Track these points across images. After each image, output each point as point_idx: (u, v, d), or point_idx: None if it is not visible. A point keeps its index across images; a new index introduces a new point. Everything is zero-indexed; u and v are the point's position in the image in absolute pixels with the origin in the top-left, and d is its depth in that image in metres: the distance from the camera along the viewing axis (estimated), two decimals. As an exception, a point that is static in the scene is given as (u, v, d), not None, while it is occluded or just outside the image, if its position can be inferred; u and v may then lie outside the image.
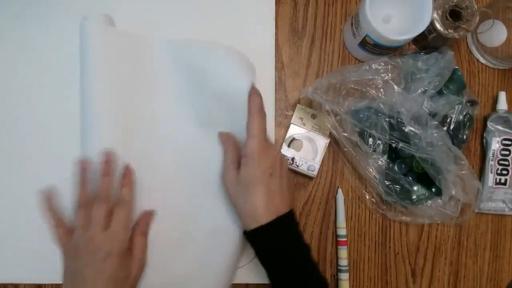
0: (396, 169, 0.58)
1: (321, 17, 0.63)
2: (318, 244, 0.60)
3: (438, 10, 0.57)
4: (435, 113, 0.56)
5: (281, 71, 0.61)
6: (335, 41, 0.63)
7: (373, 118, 0.56)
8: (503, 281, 0.63)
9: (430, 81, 0.56)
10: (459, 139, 0.58)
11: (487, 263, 0.62)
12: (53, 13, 0.58)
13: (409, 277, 0.61)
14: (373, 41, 0.55)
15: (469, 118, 0.59)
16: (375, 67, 0.55)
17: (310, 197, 0.60)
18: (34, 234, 0.54)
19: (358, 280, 0.60)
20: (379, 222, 0.61)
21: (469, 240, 0.62)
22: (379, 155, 0.57)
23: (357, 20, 0.56)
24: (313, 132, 0.59)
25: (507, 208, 0.62)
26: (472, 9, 0.57)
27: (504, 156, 0.61)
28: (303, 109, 0.59)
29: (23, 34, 0.58)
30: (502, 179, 0.61)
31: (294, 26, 0.62)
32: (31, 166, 0.56)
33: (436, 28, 0.57)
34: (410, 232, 0.61)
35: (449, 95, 0.58)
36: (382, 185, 0.57)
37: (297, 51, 0.62)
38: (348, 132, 0.56)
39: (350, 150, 0.57)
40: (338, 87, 0.56)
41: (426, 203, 0.58)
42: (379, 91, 0.55)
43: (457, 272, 0.62)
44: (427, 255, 0.61)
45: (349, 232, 0.60)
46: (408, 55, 0.60)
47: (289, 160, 0.58)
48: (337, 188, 0.60)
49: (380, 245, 0.61)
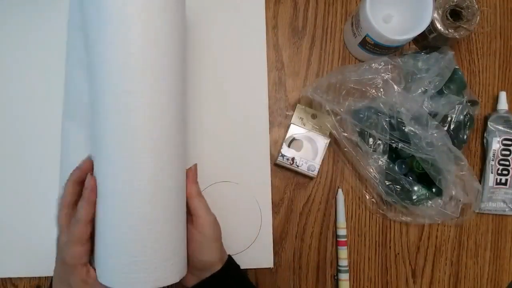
0: (397, 169, 0.58)
1: (321, 17, 0.63)
2: (318, 244, 0.60)
3: (438, 10, 0.57)
4: (435, 113, 0.56)
5: (281, 71, 0.61)
6: (335, 41, 0.62)
7: (373, 118, 0.56)
8: (504, 281, 0.62)
9: (431, 81, 0.56)
10: (460, 139, 0.58)
11: (488, 264, 0.62)
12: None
13: (410, 277, 0.61)
14: (374, 41, 0.55)
15: (470, 118, 0.58)
16: (375, 66, 0.55)
17: (310, 197, 0.60)
18: (31, 228, 0.54)
19: (358, 280, 0.60)
20: (379, 222, 0.61)
21: (469, 241, 0.62)
22: (379, 155, 0.57)
23: (357, 20, 0.56)
24: (313, 132, 0.58)
25: (508, 208, 0.62)
26: (472, 9, 0.57)
27: (504, 156, 0.61)
28: (303, 109, 0.59)
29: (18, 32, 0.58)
30: (503, 179, 0.61)
31: (294, 26, 0.62)
32: (29, 161, 0.56)
33: (437, 28, 0.57)
34: (411, 232, 0.61)
35: (450, 95, 0.57)
36: (382, 185, 0.57)
37: (297, 51, 0.62)
38: (348, 132, 0.56)
39: (350, 150, 0.57)
40: (338, 87, 0.56)
41: (427, 203, 0.58)
42: (379, 91, 0.55)
43: (458, 272, 0.62)
44: (427, 256, 0.61)
45: (349, 232, 0.60)
46: (409, 54, 0.59)
47: (289, 160, 0.58)
48: (337, 188, 0.60)
49: (380, 245, 0.61)
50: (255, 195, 0.58)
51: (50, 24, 0.58)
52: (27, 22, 0.58)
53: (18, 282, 0.55)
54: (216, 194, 0.57)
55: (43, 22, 0.58)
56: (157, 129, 0.42)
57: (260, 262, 0.58)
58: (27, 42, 0.57)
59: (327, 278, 0.59)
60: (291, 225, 0.59)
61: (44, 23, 0.58)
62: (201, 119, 0.58)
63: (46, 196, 0.55)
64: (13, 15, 0.58)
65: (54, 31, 0.58)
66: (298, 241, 0.59)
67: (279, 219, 0.59)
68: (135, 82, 0.41)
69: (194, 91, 0.58)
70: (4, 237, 0.55)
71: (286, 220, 0.59)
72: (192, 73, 0.59)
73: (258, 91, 0.60)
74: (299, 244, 0.59)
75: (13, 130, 0.56)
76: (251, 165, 0.58)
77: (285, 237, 0.59)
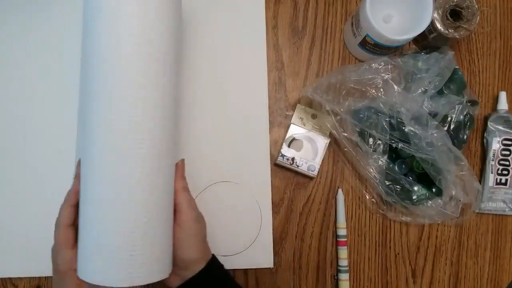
0: (397, 169, 0.58)
1: (321, 16, 0.63)
2: (318, 244, 0.60)
3: (438, 10, 0.57)
4: (435, 113, 0.56)
5: (281, 71, 0.61)
6: (335, 41, 0.62)
7: (373, 118, 0.56)
8: (504, 281, 0.62)
9: (431, 81, 0.56)
10: (460, 139, 0.58)
11: (488, 264, 0.62)
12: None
13: (410, 277, 0.61)
14: (374, 41, 0.55)
15: (470, 118, 0.58)
16: (375, 66, 0.55)
17: (310, 197, 0.60)
18: (31, 228, 0.54)
19: (358, 280, 0.60)
20: (379, 222, 0.61)
21: (469, 241, 0.62)
22: (379, 155, 0.57)
23: (357, 20, 0.56)
24: (313, 132, 0.58)
25: (508, 208, 0.62)
26: (472, 9, 0.57)
27: (504, 156, 0.61)
28: (303, 109, 0.59)
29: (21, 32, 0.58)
30: (503, 179, 0.61)
31: (294, 26, 0.62)
32: (29, 161, 0.56)
33: (437, 28, 0.57)
34: (411, 232, 0.61)
35: (450, 95, 0.57)
36: (383, 185, 0.57)
37: (297, 51, 0.62)
38: (348, 132, 0.56)
39: (350, 150, 0.57)
40: (338, 87, 0.56)
41: (427, 203, 0.58)
42: (379, 91, 0.55)
43: (458, 272, 0.62)
44: (427, 256, 0.61)
45: (349, 232, 0.60)
46: (409, 54, 0.59)
47: (289, 160, 0.58)
48: (337, 188, 0.60)
49: (380, 245, 0.61)
50: (255, 195, 0.58)
51: (50, 24, 0.58)
52: (27, 22, 0.58)
53: (18, 282, 0.56)
54: (216, 194, 0.57)
55: (43, 22, 0.58)
56: (145, 130, 0.41)
57: (260, 262, 0.58)
58: (27, 42, 0.57)
59: (327, 278, 0.59)
60: (291, 225, 0.59)
61: (44, 23, 0.58)
62: (201, 119, 0.58)
63: (46, 196, 0.55)
64: (13, 15, 0.58)
65: (54, 31, 0.58)
66: (298, 241, 0.59)
67: (279, 219, 0.59)
68: (125, 82, 0.41)
69: (195, 91, 0.58)
70: (4, 237, 0.55)
71: (286, 220, 0.59)
72: (192, 73, 0.59)
73: (258, 91, 0.60)
74: (299, 244, 0.59)
75: (13, 130, 0.56)
76: (251, 165, 0.58)
77: (285, 237, 0.59)
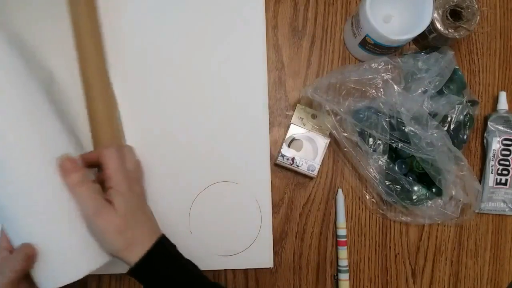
0: (397, 169, 0.58)
1: (321, 16, 0.63)
2: (318, 244, 0.60)
3: (438, 10, 0.57)
4: (435, 113, 0.56)
5: (281, 71, 0.61)
6: (335, 41, 0.62)
7: (373, 118, 0.56)
8: (504, 281, 0.62)
9: (431, 81, 0.56)
10: (460, 139, 0.58)
11: (488, 264, 0.62)
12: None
13: (410, 277, 0.61)
14: (374, 41, 0.55)
15: (470, 118, 0.58)
16: (375, 66, 0.55)
17: (310, 197, 0.60)
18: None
19: (358, 280, 0.60)
20: (379, 222, 0.61)
21: (469, 241, 0.62)
22: (379, 155, 0.57)
23: (357, 20, 0.56)
24: (313, 132, 0.58)
25: (508, 208, 0.62)
26: (472, 9, 0.57)
27: (504, 156, 0.61)
28: (303, 109, 0.59)
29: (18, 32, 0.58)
30: (503, 179, 0.61)
31: (294, 26, 0.62)
32: None
33: (437, 28, 0.57)
34: (411, 232, 0.61)
35: (450, 95, 0.57)
36: (382, 185, 0.57)
37: (297, 51, 0.62)
38: (348, 132, 0.56)
39: (350, 150, 0.57)
40: (338, 87, 0.56)
41: (427, 203, 0.58)
42: (379, 91, 0.55)
43: (458, 272, 0.62)
44: (427, 256, 0.61)
45: (349, 233, 0.60)
46: (409, 54, 0.59)
47: (289, 160, 0.58)
48: (337, 188, 0.60)
49: (380, 245, 0.61)
50: (255, 195, 0.58)
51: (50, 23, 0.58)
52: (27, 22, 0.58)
53: (18, 282, 0.55)
54: (216, 194, 0.57)
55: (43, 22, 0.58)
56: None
57: (260, 262, 0.58)
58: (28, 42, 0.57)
59: (327, 278, 0.59)
60: (291, 225, 0.59)
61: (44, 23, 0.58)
62: (201, 119, 0.58)
63: None
64: (14, 14, 0.58)
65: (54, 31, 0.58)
66: (298, 241, 0.59)
67: (279, 219, 0.59)
68: None
69: (194, 91, 0.58)
70: None
71: (286, 220, 0.59)
72: (192, 74, 0.59)
73: (258, 91, 0.60)
74: (299, 244, 0.59)
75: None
76: (251, 165, 0.58)
77: (285, 237, 0.59)
